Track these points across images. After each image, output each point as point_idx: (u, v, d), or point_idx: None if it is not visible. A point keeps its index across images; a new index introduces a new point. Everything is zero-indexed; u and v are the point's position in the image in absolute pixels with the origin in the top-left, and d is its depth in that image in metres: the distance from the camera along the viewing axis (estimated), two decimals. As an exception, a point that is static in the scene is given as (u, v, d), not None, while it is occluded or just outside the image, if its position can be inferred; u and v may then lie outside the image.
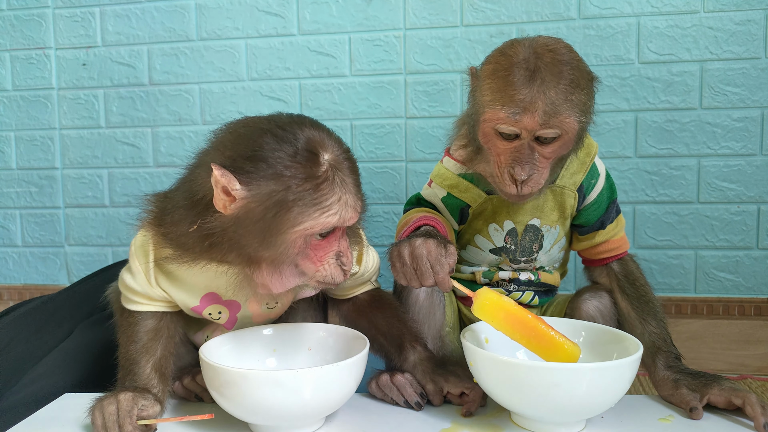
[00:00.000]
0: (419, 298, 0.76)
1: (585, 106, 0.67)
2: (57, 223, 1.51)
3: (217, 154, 0.56)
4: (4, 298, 1.53)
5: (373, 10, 1.34)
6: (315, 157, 0.54)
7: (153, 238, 0.63)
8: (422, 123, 1.34)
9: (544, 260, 0.79)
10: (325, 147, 0.56)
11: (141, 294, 0.65)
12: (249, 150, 0.54)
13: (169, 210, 0.61)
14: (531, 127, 0.65)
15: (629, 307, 0.75)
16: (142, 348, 0.66)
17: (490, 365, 0.59)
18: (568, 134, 0.67)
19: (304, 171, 0.54)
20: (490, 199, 0.76)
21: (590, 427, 0.62)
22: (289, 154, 0.54)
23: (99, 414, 0.59)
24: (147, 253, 0.64)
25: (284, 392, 0.55)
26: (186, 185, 0.59)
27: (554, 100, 0.64)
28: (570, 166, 0.76)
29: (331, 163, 0.55)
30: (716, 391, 0.64)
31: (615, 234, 0.78)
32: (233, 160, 0.54)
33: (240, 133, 0.56)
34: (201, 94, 1.43)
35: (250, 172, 0.53)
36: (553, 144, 0.67)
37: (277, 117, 0.58)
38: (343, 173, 0.56)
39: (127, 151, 1.47)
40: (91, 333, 0.77)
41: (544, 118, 0.64)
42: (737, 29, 1.22)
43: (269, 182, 0.53)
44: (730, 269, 1.26)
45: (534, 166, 0.67)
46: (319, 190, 0.54)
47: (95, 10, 1.45)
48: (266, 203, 0.53)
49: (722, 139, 1.24)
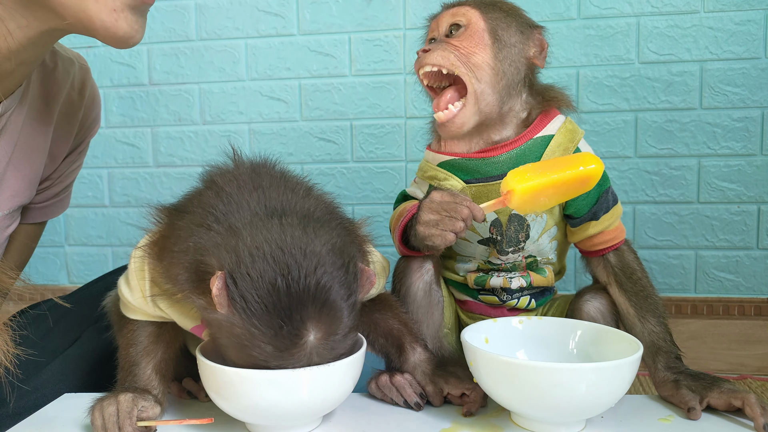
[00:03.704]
0: (417, 296, 0.75)
1: (496, 14, 0.74)
2: (57, 223, 1.51)
3: (227, 260, 0.52)
4: (4, 298, 1.53)
5: (373, 10, 1.34)
6: (296, 339, 0.52)
7: (152, 272, 0.62)
8: (422, 123, 1.34)
9: (533, 249, 0.77)
10: (317, 330, 0.53)
11: (138, 310, 0.65)
12: (247, 291, 0.51)
13: (171, 247, 0.58)
14: (440, 22, 0.75)
15: (627, 303, 0.74)
16: (143, 350, 0.66)
17: (490, 365, 0.59)
18: (472, 26, 0.72)
19: (277, 346, 0.52)
20: (468, 187, 0.75)
21: (590, 426, 0.62)
22: (273, 325, 0.51)
23: (99, 414, 0.59)
24: (145, 278, 0.63)
25: (281, 392, 0.55)
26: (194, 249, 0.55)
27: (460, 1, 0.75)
28: (554, 152, 0.73)
29: (312, 347, 0.54)
30: (716, 393, 0.64)
31: (610, 225, 0.76)
32: (233, 281, 0.51)
33: (252, 262, 0.52)
34: (201, 94, 1.43)
35: (237, 307, 0.51)
36: (459, 37, 0.72)
37: (288, 261, 0.52)
38: (319, 355, 0.54)
39: (126, 151, 1.47)
40: (97, 340, 0.77)
41: (447, 11, 0.75)
42: (737, 29, 1.22)
43: (244, 330, 0.52)
44: (730, 269, 1.26)
45: (440, 46, 0.73)
46: (281, 359, 0.53)
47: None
48: (234, 338, 0.53)
49: (722, 139, 1.24)
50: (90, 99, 0.86)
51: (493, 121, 0.74)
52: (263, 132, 1.41)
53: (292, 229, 0.54)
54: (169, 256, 0.58)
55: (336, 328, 0.54)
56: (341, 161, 1.39)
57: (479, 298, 0.81)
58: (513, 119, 0.75)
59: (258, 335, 0.52)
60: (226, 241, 0.53)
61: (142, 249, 0.62)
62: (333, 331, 0.54)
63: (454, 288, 0.84)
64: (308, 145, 1.39)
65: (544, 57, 0.76)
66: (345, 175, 1.39)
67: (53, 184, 0.86)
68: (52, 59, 0.78)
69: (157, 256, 0.60)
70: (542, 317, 0.71)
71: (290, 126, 1.40)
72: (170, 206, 0.63)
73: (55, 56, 0.78)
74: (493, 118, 0.74)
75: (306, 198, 0.61)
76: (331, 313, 0.53)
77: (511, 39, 0.73)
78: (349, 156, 1.38)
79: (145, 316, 0.65)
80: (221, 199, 0.58)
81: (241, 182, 0.59)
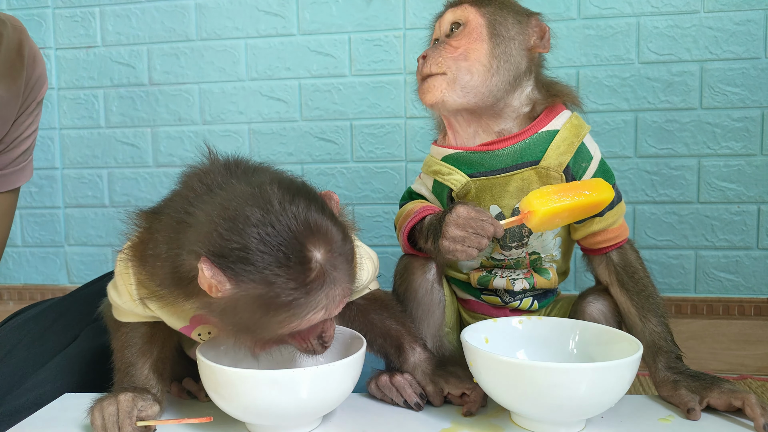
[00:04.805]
0: (419, 294, 0.75)
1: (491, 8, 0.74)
2: (57, 223, 1.51)
3: (203, 243, 0.52)
4: (4, 298, 1.53)
5: (373, 10, 1.34)
6: (306, 264, 0.52)
7: (137, 275, 0.61)
8: (422, 123, 1.34)
9: (536, 246, 0.77)
10: (318, 246, 0.52)
11: (129, 312, 0.65)
12: (238, 249, 0.51)
13: (152, 252, 0.58)
14: (442, 23, 0.76)
15: (629, 303, 0.73)
16: (138, 351, 0.65)
17: (490, 365, 0.59)
18: (470, 23, 0.73)
19: (295, 279, 0.51)
20: (473, 181, 0.75)
21: (590, 426, 0.62)
22: (280, 261, 0.51)
23: (99, 414, 0.59)
24: (131, 282, 0.62)
25: (281, 391, 0.55)
26: (170, 253, 0.55)
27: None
28: (558, 146, 0.73)
29: (323, 265, 0.53)
30: (716, 394, 0.64)
31: (614, 222, 0.75)
32: (221, 256, 0.51)
33: (228, 226, 0.52)
34: (201, 94, 1.43)
35: (239, 272, 0.51)
36: (458, 36, 0.73)
37: (268, 201, 0.53)
38: (335, 270, 0.53)
39: (127, 151, 1.47)
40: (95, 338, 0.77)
41: (449, 11, 0.76)
42: (737, 29, 1.22)
43: (258, 286, 0.51)
44: (730, 269, 1.26)
45: (437, 51, 0.73)
46: (308, 293, 0.52)
47: (95, 10, 1.45)
48: (253, 304, 0.52)
49: (722, 139, 1.24)
50: (30, 58, 0.86)
51: (487, 109, 0.74)
52: (263, 132, 1.41)
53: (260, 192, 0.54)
54: (151, 261, 0.58)
55: (332, 238, 0.53)
56: (341, 161, 1.39)
57: (482, 298, 0.81)
58: (512, 112, 0.75)
59: (273, 278, 0.51)
60: (196, 232, 0.53)
61: (124, 254, 0.62)
62: (332, 241, 0.53)
63: (457, 286, 0.83)
64: (308, 145, 1.39)
65: (548, 40, 0.76)
66: (345, 175, 1.39)
67: (8, 148, 0.87)
68: None
69: (140, 261, 0.60)
70: (542, 317, 0.71)
71: (290, 126, 1.40)
72: (148, 210, 0.62)
73: None
74: (486, 106, 0.74)
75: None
76: (321, 228, 0.53)
77: (509, 31, 0.73)
78: (349, 156, 1.38)
79: (137, 318, 0.65)
80: (191, 198, 0.57)
81: (212, 179, 0.58)
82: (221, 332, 0.59)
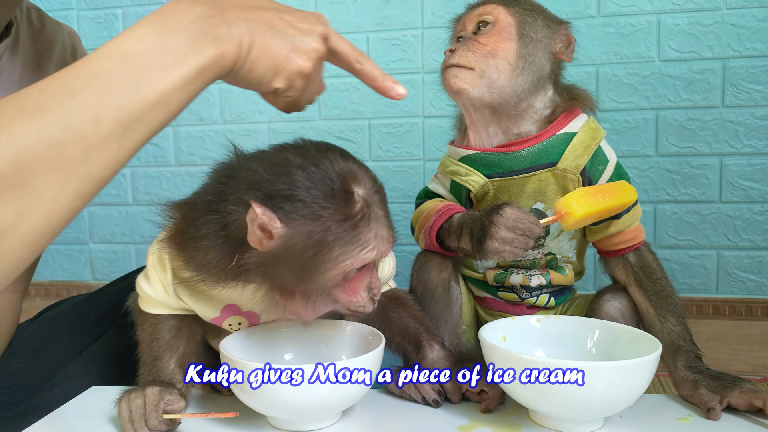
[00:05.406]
0: (436, 292, 0.76)
1: (522, 9, 0.75)
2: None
3: (252, 191, 0.55)
4: (30, 294, 1.57)
5: (391, 10, 1.35)
6: (350, 196, 0.55)
7: (172, 262, 0.63)
8: (440, 122, 1.35)
9: (552, 247, 0.77)
10: (358, 183, 0.56)
11: (159, 303, 0.66)
12: (285, 189, 0.54)
13: (191, 235, 0.59)
14: (467, 21, 0.76)
15: (647, 303, 0.74)
16: (165, 345, 0.67)
17: (509, 363, 0.59)
18: (500, 22, 0.73)
19: (342, 210, 0.54)
20: (491, 182, 0.75)
21: (609, 425, 0.62)
22: (326, 194, 0.54)
23: (126, 407, 0.61)
24: (166, 269, 0.64)
25: (302, 386, 0.56)
26: (214, 217, 0.57)
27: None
28: (575, 149, 0.74)
29: (365, 199, 0.56)
30: (737, 393, 0.63)
31: (630, 224, 0.76)
32: (270, 199, 0.54)
33: (272, 170, 0.55)
34: (221, 94, 1.45)
35: (289, 211, 0.53)
36: (487, 34, 0.73)
37: (306, 149, 0.57)
38: (376, 207, 0.57)
39: (149, 151, 1.50)
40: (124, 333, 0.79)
41: (473, 11, 0.76)
42: (760, 26, 1.20)
43: (308, 222, 0.53)
44: (752, 269, 1.24)
45: (466, 46, 0.73)
46: (357, 228, 0.55)
47: (118, 11, 1.47)
48: (306, 242, 0.54)
49: (745, 138, 1.22)
50: None
51: (509, 110, 0.74)
52: (282, 131, 1.42)
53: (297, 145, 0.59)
54: (191, 244, 0.59)
55: (370, 177, 0.57)
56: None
57: (498, 295, 0.81)
58: (534, 114, 0.75)
59: (321, 211, 0.53)
60: (240, 184, 0.56)
61: (161, 242, 0.63)
62: (370, 180, 0.57)
63: (473, 285, 0.84)
64: (327, 144, 1.40)
65: (572, 51, 0.77)
66: (363, 173, 1.40)
67: None
68: (40, 20, 0.81)
69: (178, 247, 0.62)
70: (560, 316, 0.71)
71: (309, 125, 1.41)
72: (181, 201, 0.64)
73: (42, 18, 0.82)
74: (509, 107, 0.74)
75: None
76: (359, 169, 0.57)
77: (537, 34, 0.74)
78: (367, 155, 1.39)
79: (167, 309, 0.67)
80: (227, 170, 0.60)
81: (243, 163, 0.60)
82: (267, 300, 0.60)
